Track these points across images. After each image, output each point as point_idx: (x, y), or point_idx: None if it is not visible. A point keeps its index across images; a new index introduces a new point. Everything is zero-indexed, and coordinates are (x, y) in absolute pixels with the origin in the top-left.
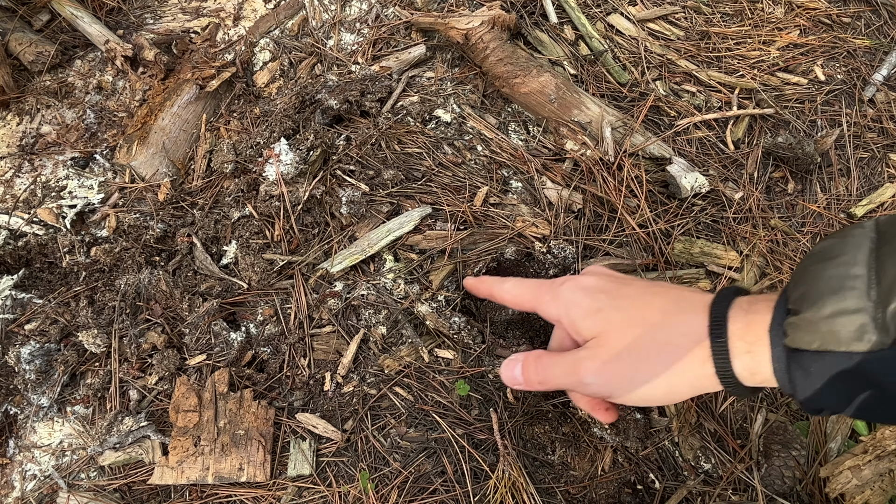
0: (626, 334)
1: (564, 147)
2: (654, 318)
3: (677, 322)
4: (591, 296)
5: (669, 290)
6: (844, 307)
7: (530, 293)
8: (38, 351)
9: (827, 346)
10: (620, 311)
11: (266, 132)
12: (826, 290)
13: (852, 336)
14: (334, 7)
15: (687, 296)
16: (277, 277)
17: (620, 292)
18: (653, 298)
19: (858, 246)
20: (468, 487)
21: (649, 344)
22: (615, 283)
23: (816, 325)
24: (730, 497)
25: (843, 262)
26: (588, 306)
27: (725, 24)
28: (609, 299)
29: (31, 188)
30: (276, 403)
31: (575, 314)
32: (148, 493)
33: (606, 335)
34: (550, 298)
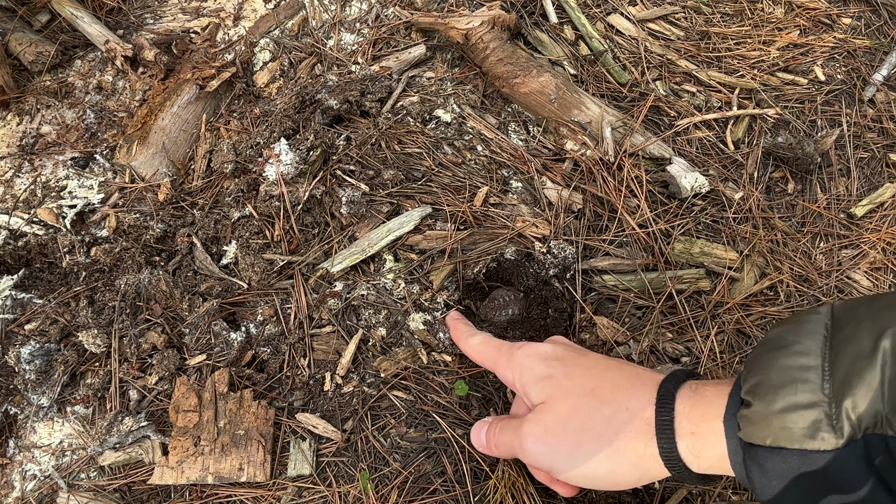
0: (573, 405)
1: (564, 147)
2: (602, 391)
3: (626, 397)
4: (545, 362)
5: (623, 366)
6: (797, 401)
7: (490, 354)
8: (38, 351)
9: (780, 443)
10: (570, 380)
11: (266, 132)
12: (778, 382)
13: (805, 433)
14: (334, 7)
15: (641, 373)
16: (277, 277)
17: (575, 361)
18: (605, 371)
19: (812, 333)
20: (468, 487)
21: (595, 416)
22: (572, 352)
23: (768, 420)
24: (730, 497)
25: (796, 352)
26: (540, 372)
27: (725, 24)
28: (562, 367)
29: (31, 188)
30: (276, 403)
31: (526, 378)
32: (148, 493)
33: (553, 402)
34: (506, 361)
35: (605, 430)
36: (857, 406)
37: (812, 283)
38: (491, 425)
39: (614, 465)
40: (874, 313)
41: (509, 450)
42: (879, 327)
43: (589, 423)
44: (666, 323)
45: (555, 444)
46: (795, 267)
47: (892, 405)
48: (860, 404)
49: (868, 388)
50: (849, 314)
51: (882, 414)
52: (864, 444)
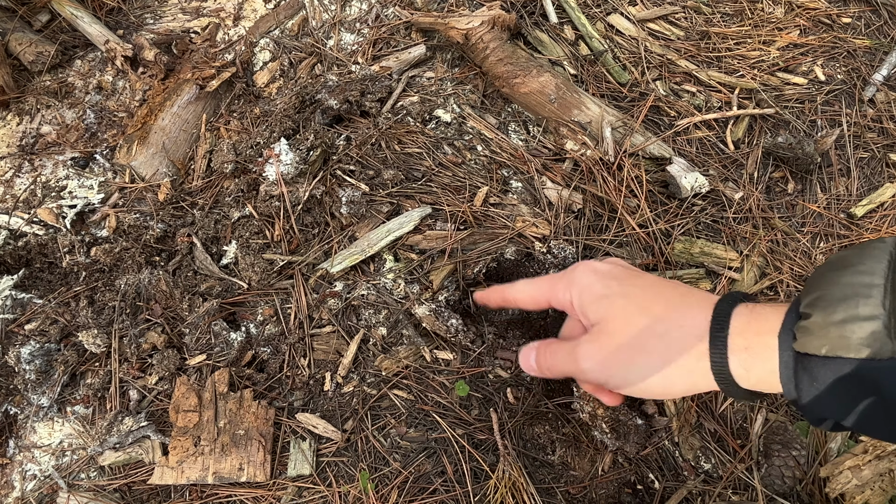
0: (629, 323)
1: (564, 147)
2: (658, 310)
3: (680, 315)
4: (602, 281)
5: (679, 286)
6: (857, 313)
7: (546, 284)
8: (38, 351)
9: (836, 352)
10: (627, 299)
11: (266, 132)
12: (840, 296)
13: (863, 342)
14: (334, 7)
15: (696, 292)
16: (277, 277)
17: (631, 281)
18: (661, 290)
19: (877, 258)
20: (468, 487)
21: (649, 334)
22: (628, 272)
23: (827, 330)
24: (730, 497)
25: (860, 271)
26: (597, 291)
27: (725, 24)
28: (619, 286)
29: (31, 188)
30: (276, 403)
31: (585, 297)
32: (148, 493)
33: (610, 321)
34: (565, 285)
35: (659, 345)
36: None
37: None
38: (541, 349)
39: (666, 379)
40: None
41: (562, 370)
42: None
43: (643, 339)
44: None
45: (610, 361)
46: (795, 267)
47: None
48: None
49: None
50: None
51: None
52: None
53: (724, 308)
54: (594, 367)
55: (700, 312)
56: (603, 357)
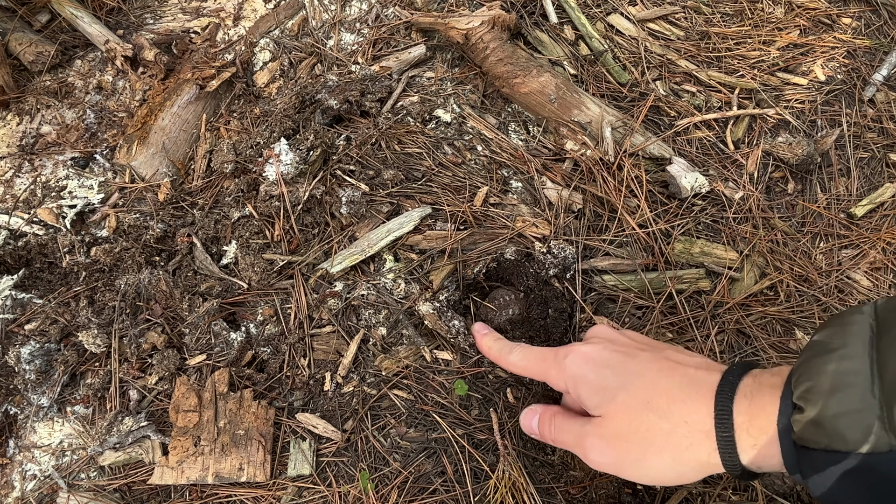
0: (634, 420)
1: (564, 147)
2: (659, 404)
3: (683, 409)
4: (597, 371)
5: (675, 371)
6: (848, 408)
7: (536, 366)
8: (38, 351)
9: (834, 447)
10: (627, 393)
11: (266, 132)
12: (829, 388)
13: (859, 438)
14: (334, 7)
15: (693, 378)
16: (277, 277)
17: (626, 368)
18: (658, 380)
19: (857, 336)
20: (468, 487)
21: (655, 431)
22: (620, 355)
23: (822, 426)
24: (730, 497)
25: (842, 356)
26: (593, 383)
27: (725, 24)
28: (615, 376)
29: (31, 188)
30: (276, 403)
31: (581, 389)
32: (148, 493)
33: (611, 417)
34: (557, 372)
35: (667, 444)
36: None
37: (812, 282)
38: (544, 418)
39: (680, 473)
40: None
41: (569, 448)
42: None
43: (650, 437)
44: (666, 323)
45: (619, 456)
46: (795, 267)
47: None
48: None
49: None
50: (893, 315)
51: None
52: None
53: (724, 403)
54: (604, 461)
55: (701, 406)
56: (613, 454)
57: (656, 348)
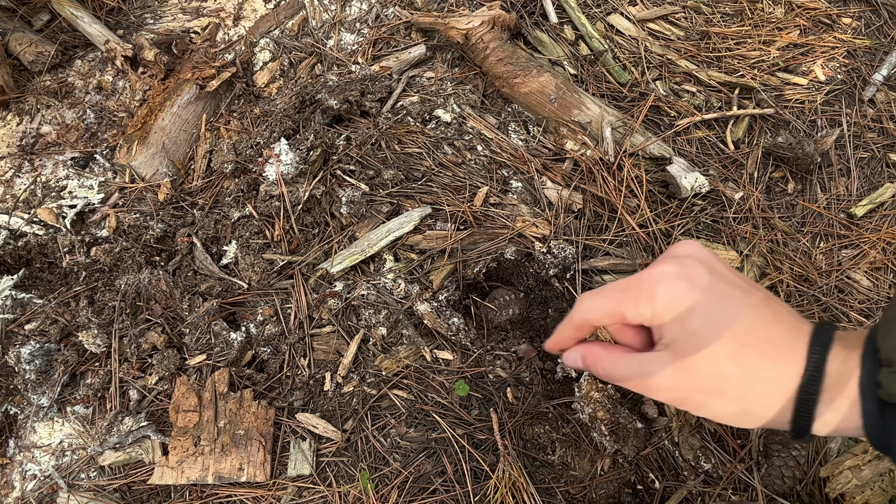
0: (712, 365)
1: (564, 147)
2: (748, 358)
3: (771, 368)
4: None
5: (772, 323)
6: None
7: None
8: (38, 351)
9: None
10: (712, 333)
11: (266, 132)
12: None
13: None
14: (334, 7)
15: (790, 334)
16: (277, 277)
17: (721, 308)
18: (753, 329)
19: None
20: (468, 487)
21: (732, 383)
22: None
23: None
24: (730, 497)
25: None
26: (681, 311)
27: (725, 24)
28: (706, 315)
29: (31, 188)
30: (276, 403)
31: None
32: (148, 493)
33: (690, 357)
34: (646, 296)
35: (741, 398)
36: None
37: (812, 282)
38: (594, 352)
39: (739, 422)
40: None
41: (623, 381)
42: None
43: (724, 387)
44: None
45: (687, 396)
46: (795, 267)
47: None
48: None
49: None
50: None
51: None
52: None
53: (816, 368)
54: (667, 395)
55: (791, 366)
56: (680, 390)
57: (756, 289)
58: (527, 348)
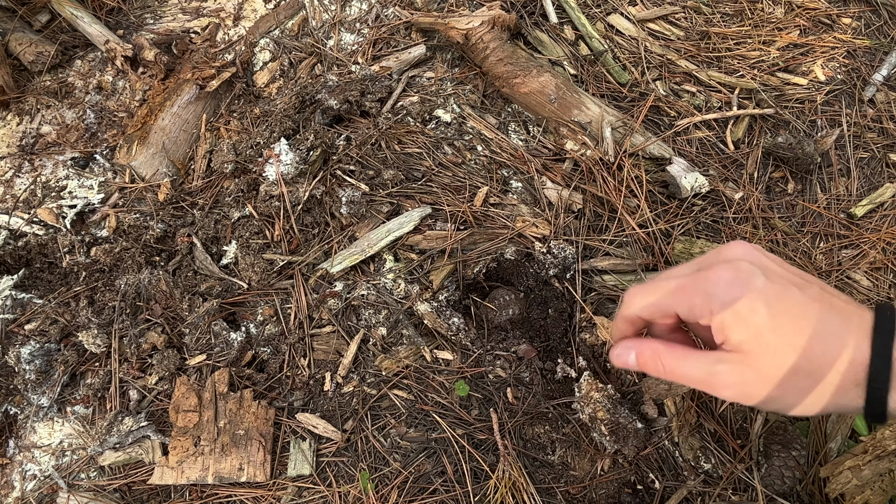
0: (780, 363)
1: (564, 147)
2: (813, 353)
3: (838, 358)
4: (750, 304)
5: (832, 312)
6: None
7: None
8: (38, 351)
9: None
10: (776, 334)
11: (266, 132)
12: None
13: None
14: (334, 7)
15: (852, 326)
16: (277, 277)
17: (782, 305)
18: (816, 325)
19: None
20: (468, 487)
21: (801, 376)
22: (775, 289)
23: None
24: (730, 497)
25: None
26: (743, 313)
27: (725, 24)
28: (767, 311)
29: (31, 188)
30: (276, 403)
31: (727, 318)
32: (148, 493)
33: (756, 357)
34: (703, 298)
35: (812, 390)
36: None
37: None
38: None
39: (810, 412)
40: None
41: (688, 380)
42: None
43: (794, 381)
44: None
45: (754, 394)
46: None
47: None
48: None
49: None
50: None
51: None
52: None
53: (883, 351)
54: (734, 394)
55: (858, 353)
56: (750, 387)
57: (810, 283)
58: (527, 348)
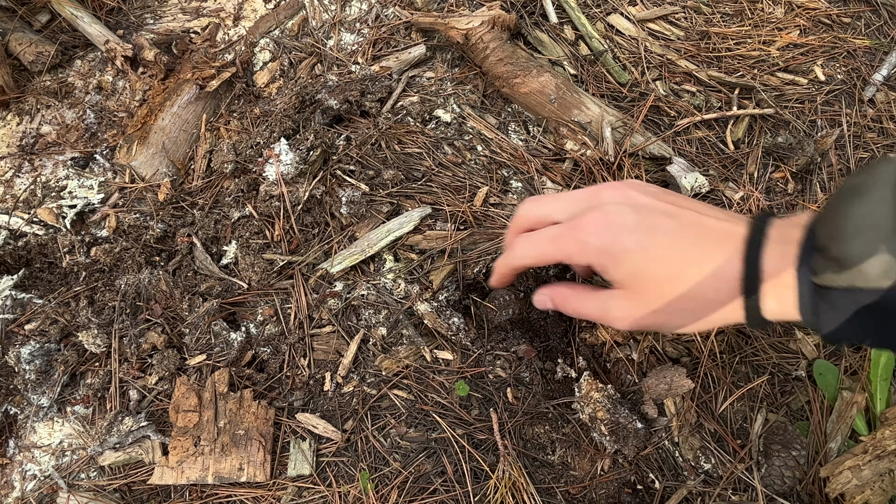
0: (660, 292)
1: (564, 147)
2: (688, 275)
3: (712, 281)
4: (619, 244)
5: (704, 237)
6: (871, 248)
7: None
8: (38, 351)
9: (855, 284)
10: (652, 266)
11: (266, 132)
12: (854, 230)
13: (882, 274)
14: (334, 7)
15: (720, 238)
16: (277, 277)
17: (650, 240)
18: (687, 251)
19: (885, 182)
20: (468, 487)
21: (683, 301)
22: (643, 224)
23: (845, 265)
24: (730, 497)
25: (869, 200)
26: (617, 256)
27: (725, 24)
28: (638, 250)
29: (31, 188)
30: (276, 403)
31: (606, 264)
32: (148, 493)
33: (639, 290)
34: (578, 249)
35: (695, 309)
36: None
37: None
38: (562, 292)
39: (702, 328)
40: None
41: (589, 316)
42: None
43: (677, 306)
44: None
45: (645, 322)
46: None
47: None
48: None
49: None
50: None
51: None
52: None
53: (753, 269)
54: (628, 325)
55: (731, 267)
56: (637, 319)
57: (684, 208)
58: (527, 348)
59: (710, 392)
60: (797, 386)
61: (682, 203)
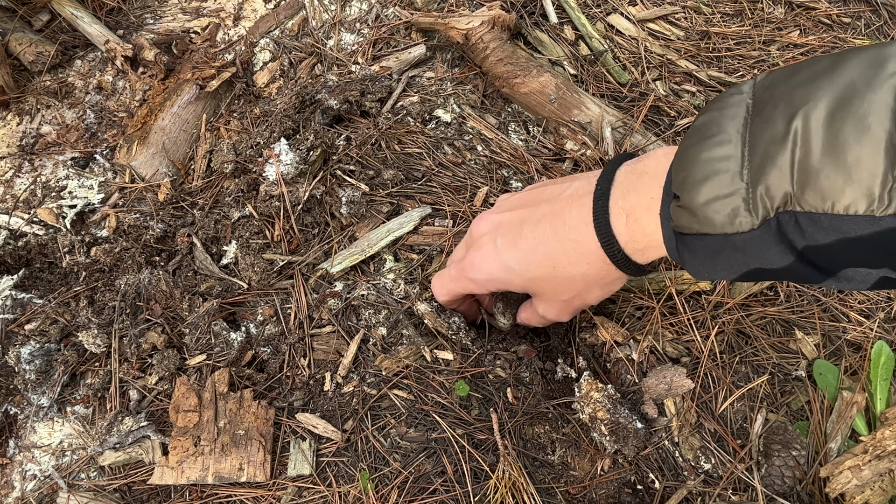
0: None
1: (564, 147)
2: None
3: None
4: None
5: (558, 227)
6: (718, 192)
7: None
8: (38, 351)
9: (704, 230)
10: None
11: (266, 132)
12: (702, 176)
13: (726, 220)
14: (334, 7)
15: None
16: (277, 277)
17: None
18: (545, 243)
19: (733, 119)
20: (468, 487)
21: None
22: (508, 240)
23: (694, 212)
24: (730, 497)
25: (718, 142)
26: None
27: (725, 24)
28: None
29: (31, 188)
30: (276, 403)
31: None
32: (148, 493)
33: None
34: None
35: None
36: (770, 190)
37: None
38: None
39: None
40: (789, 92)
41: (537, 324)
42: (793, 108)
43: (570, 291)
44: (666, 323)
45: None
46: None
47: (800, 185)
48: (773, 187)
49: (780, 171)
50: (767, 94)
51: (791, 194)
52: (776, 222)
53: (604, 225)
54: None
55: (589, 240)
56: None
57: (538, 203)
58: (527, 348)
59: (710, 392)
60: (797, 386)
61: (536, 197)
